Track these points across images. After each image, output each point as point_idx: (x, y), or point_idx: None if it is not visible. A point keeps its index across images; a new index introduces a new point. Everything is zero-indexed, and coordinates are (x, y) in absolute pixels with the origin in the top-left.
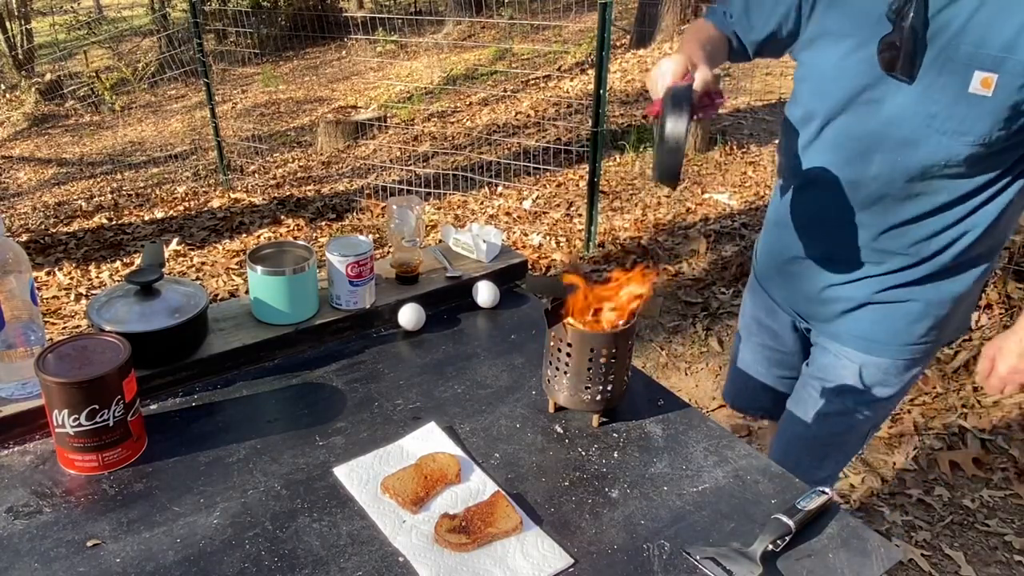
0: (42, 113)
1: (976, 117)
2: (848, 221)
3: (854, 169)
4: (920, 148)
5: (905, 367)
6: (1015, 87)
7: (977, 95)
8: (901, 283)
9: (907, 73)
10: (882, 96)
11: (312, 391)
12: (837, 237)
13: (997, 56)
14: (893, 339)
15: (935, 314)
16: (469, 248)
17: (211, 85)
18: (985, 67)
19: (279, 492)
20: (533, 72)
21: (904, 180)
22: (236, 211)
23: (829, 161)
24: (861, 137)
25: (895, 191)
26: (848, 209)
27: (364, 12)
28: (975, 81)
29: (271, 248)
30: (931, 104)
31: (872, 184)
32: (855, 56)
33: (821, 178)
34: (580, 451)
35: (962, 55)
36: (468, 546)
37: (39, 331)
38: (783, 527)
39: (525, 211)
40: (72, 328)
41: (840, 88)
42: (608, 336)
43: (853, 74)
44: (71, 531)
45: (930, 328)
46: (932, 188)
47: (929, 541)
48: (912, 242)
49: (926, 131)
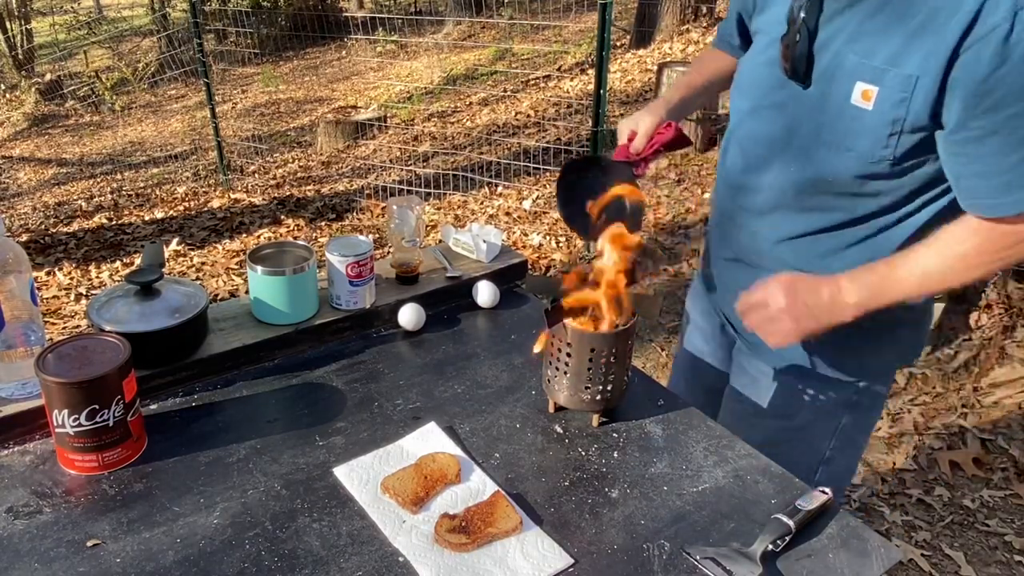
0: (42, 113)
1: (858, 131)
2: (749, 227)
3: (754, 174)
4: (810, 160)
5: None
6: (894, 101)
7: (858, 107)
8: None
9: (799, 77)
10: (785, 100)
11: (312, 391)
12: (743, 241)
13: (879, 68)
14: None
15: (842, 343)
16: (469, 248)
17: (211, 85)
18: (866, 79)
19: (279, 492)
20: (533, 72)
21: (795, 192)
22: (236, 211)
23: (737, 163)
24: (764, 142)
25: (787, 202)
26: (749, 214)
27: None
28: (856, 93)
29: (271, 248)
30: (820, 114)
31: (767, 192)
32: (766, 55)
33: (731, 179)
34: (580, 451)
35: (848, 65)
36: (468, 546)
37: (39, 331)
38: (783, 527)
39: (525, 211)
40: (72, 328)
41: (753, 87)
42: (608, 336)
43: (764, 74)
44: (71, 531)
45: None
46: (826, 205)
47: (929, 541)
48: (809, 258)
49: (815, 143)
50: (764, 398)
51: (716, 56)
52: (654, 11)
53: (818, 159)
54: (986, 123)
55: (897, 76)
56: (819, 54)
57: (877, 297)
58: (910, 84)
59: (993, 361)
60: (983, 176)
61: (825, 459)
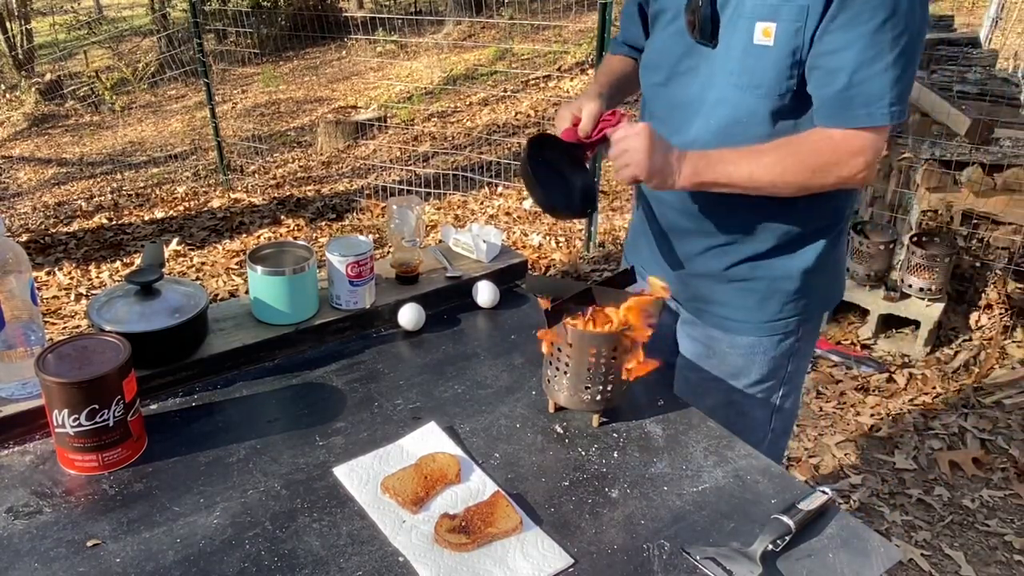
0: (42, 113)
1: (764, 68)
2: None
3: (680, 136)
4: (726, 106)
5: (775, 343)
6: (791, 32)
7: (760, 45)
8: (744, 257)
9: (707, 37)
10: (697, 63)
11: (312, 391)
12: (675, 208)
13: (774, 4)
14: (749, 316)
15: (784, 289)
16: (469, 248)
17: (211, 85)
18: (764, 17)
19: (279, 492)
20: (533, 72)
21: (716, 141)
22: (236, 211)
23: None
24: (682, 105)
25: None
26: None
27: (364, 12)
28: (758, 32)
29: (271, 248)
30: (729, 61)
31: (694, 147)
32: (672, 27)
33: None
34: (580, 451)
35: (747, 9)
36: (468, 546)
37: (39, 331)
38: (783, 527)
39: (525, 211)
40: (72, 328)
41: (662, 60)
42: (608, 336)
43: (671, 45)
44: (71, 531)
45: (784, 304)
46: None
47: (929, 541)
48: (741, 208)
49: (730, 89)
50: (718, 363)
51: (619, 59)
52: None
53: (733, 103)
54: (842, 38)
55: (791, 8)
56: (722, 11)
57: (708, 169)
58: (803, 14)
59: (993, 361)
60: (832, 88)
61: (776, 408)
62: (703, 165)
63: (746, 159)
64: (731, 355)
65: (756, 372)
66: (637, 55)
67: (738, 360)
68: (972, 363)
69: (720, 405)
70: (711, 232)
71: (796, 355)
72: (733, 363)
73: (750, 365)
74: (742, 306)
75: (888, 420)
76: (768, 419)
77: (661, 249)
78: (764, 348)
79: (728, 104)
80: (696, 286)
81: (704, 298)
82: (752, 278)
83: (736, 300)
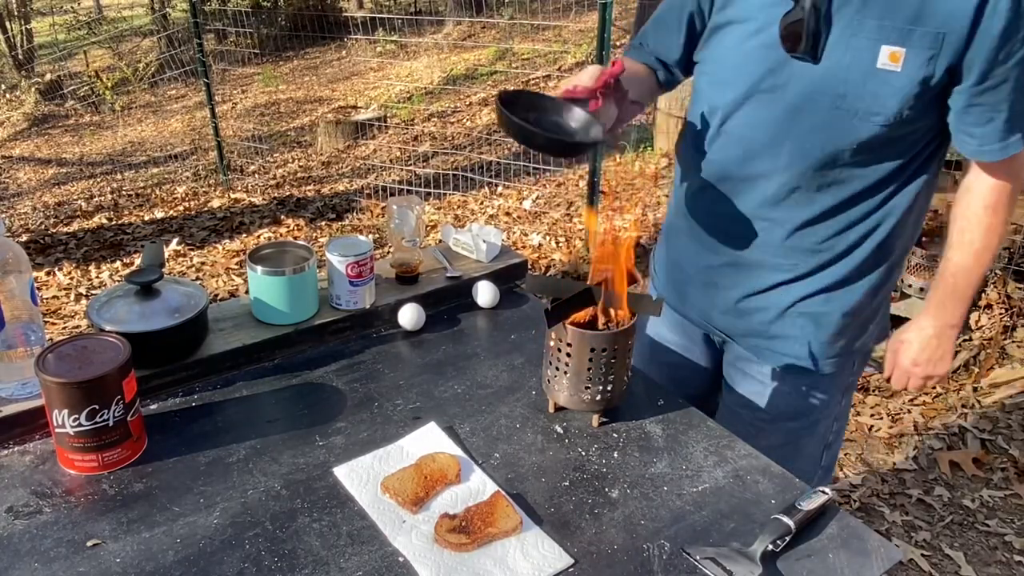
0: (42, 113)
1: (887, 95)
2: (758, 220)
3: (762, 162)
4: (830, 132)
5: (836, 380)
6: (923, 60)
7: (886, 70)
8: (816, 290)
9: (811, 53)
10: (786, 81)
11: (312, 391)
12: (747, 239)
13: (904, 28)
14: (815, 353)
15: (853, 323)
16: (469, 248)
17: (211, 85)
18: (892, 41)
19: (279, 492)
20: (533, 72)
21: (815, 169)
22: (236, 211)
23: (734, 156)
24: (767, 127)
25: (806, 182)
26: (757, 206)
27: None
28: (883, 55)
29: (271, 248)
30: (838, 84)
31: (783, 176)
32: (755, 40)
33: (726, 175)
34: (580, 451)
35: (868, 29)
36: (468, 546)
37: (39, 331)
38: (783, 527)
39: (525, 211)
40: (72, 328)
41: (741, 76)
42: (608, 336)
43: (754, 60)
44: (71, 531)
45: (850, 338)
46: (844, 176)
47: (929, 541)
48: (825, 238)
49: (835, 113)
50: (775, 401)
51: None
52: (654, 11)
53: (841, 127)
54: (1002, 71)
55: (926, 35)
56: (831, 27)
57: (958, 305)
58: (938, 42)
59: (993, 361)
60: (995, 122)
61: (828, 444)
62: (952, 305)
63: (965, 259)
64: (792, 394)
65: (817, 411)
66: (662, 70)
67: (800, 400)
68: (972, 363)
69: (777, 445)
70: (785, 266)
71: (850, 388)
72: (794, 403)
73: (811, 403)
74: (809, 342)
75: (888, 420)
76: (820, 455)
77: (714, 283)
78: (826, 386)
79: (829, 130)
80: (756, 322)
81: (764, 334)
82: (824, 312)
83: (803, 336)
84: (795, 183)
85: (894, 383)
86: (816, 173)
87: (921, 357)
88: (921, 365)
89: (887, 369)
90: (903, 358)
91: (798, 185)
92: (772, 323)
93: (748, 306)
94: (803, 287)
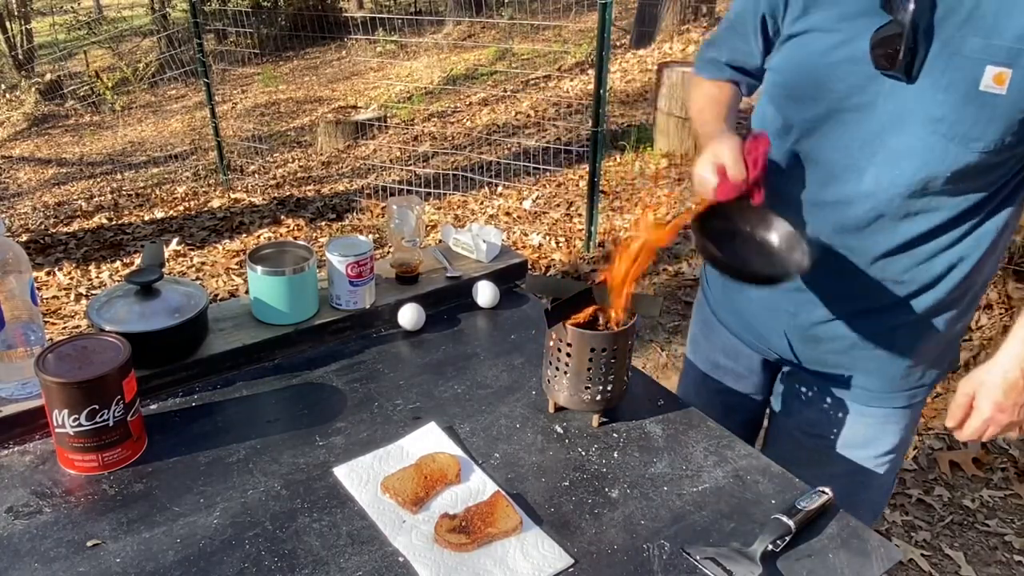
0: (42, 113)
1: (988, 119)
2: (838, 247)
3: (843, 186)
4: (923, 158)
5: (905, 412)
6: None
7: (989, 93)
8: (895, 322)
9: (907, 70)
10: (873, 99)
11: (312, 391)
12: (823, 267)
13: (1012, 48)
14: (889, 385)
15: (930, 356)
16: (469, 248)
17: (211, 85)
18: (998, 61)
19: (279, 492)
20: (533, 72)
21: (904, 196)
22: (236, 211)
23: (812, 178)
24: (849, 148)
25: (892, 210)
26: (835, 233)
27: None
28: (987, 76)
29: (271, 248)
30: (935, 106)
31: (866, 202)
32: (839, 54)
33: (802, 198)
34: (580, 451)
35: (970, 48)
36: (468, 546)
37: (39, 331)
38: (783, 527)
39: (525, 211)
40: (72, 328)
41: (822, 92)
42: (608, 336)
43: (838, 75)
44: (71, 531)
45: (926, 370)
46: (933, 204)
47: (929, 541)
48: (907, 268)
49: (930, 138)
50: (843, 430)
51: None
52: (654, 11)
53: (936, 153)
54: None
55: None
56: (929, 44)
57: None
58: None
59: None
60: None
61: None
62: None
63: None
64: (863, 424)
65: (889, 442)
66: (745, 79)
67: (870, 430)
68: (972, 363)
69: (842, 473)
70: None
71: (917, 415)
72: (864, 432)
73: (883, 434)
74: (884, 373)
75: None
76: (891, 485)
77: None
78: (899, 417)
79: (924, 154)
80: (827, 350)
81: (836, 363)
82: (901, 344)
83: (878, 367)
84: (880, 211)
85: (968, 431)
86: (904, 201)
87: (1007, 402)
88: (1007, 411)
89: (957, 415)
90: (983, 402)
91: (883, 213)
92: (845, 352)
93: (821, 333)
94: (881, 318)
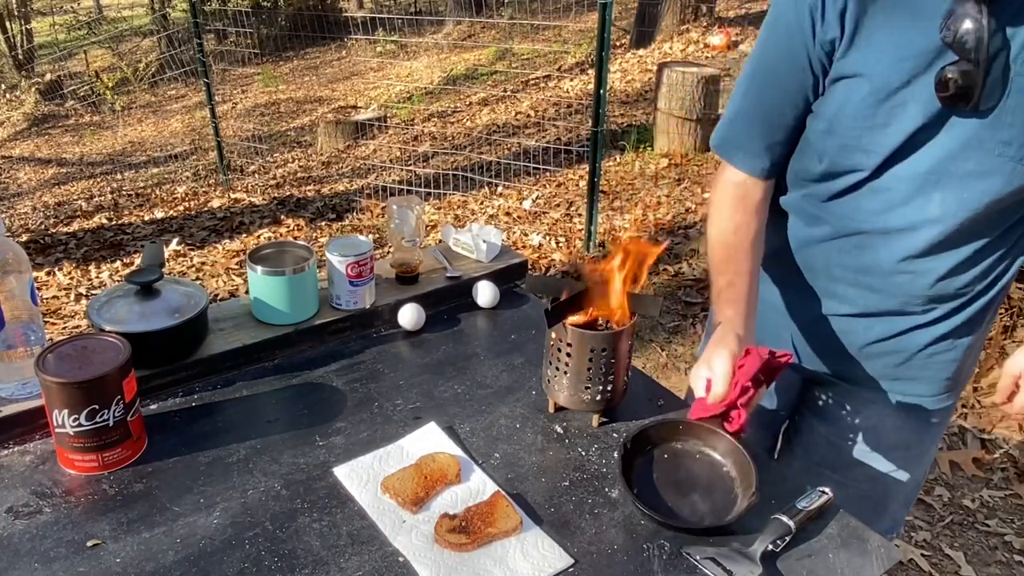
0: (42, 113)
1: None
2: (899, 273)
3: (905, 214)
4: (992, 180)
5: (943, 411)
6: None
7: None
8: (947, 332)
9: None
10: (938, 132)
11: (312, 391)
12: (886, 292)
13: None
14: (933, 390)
15: (969, 361)
16: (469, 248)
17: (211, 85)
18: None
19: (279, 492)
20: (533, 72)
21: (970, 217)
22: (236, 211)
23: (874, 208)
24: (912, 179)
25: (958, 233)
26: (899, 260)
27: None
28: None
29: (271, 248)
30: (1003, 130)
31: (933, 228)
32: (892, 101)
33: (858, 229)
34: (580, 451)
35: None
36: (468, 546)
37: (39, 331)
38: (783, 527)
39: (525, 211)
40: (72, 328)
41: (878, 141)
42: (608, 336)
43: (896, 126)
44: (71, 531)
45: (964, 375)
46: (993, 221)
47: (929, 541)
48: (966, 283)
49: (997, 160)
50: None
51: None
52: (654, 11)
53: (1004, 174)
54: None
55: None
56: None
57: None
58: None
59: (993, 361)
60: None
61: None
62: None
63: None
64: (907, 427)
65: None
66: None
67: (912, 433)
68: None
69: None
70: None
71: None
72: (906, 435)
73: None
74: (933, 380)
75: None
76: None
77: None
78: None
79: (994, 178)
80: (881, 365)
81: (889, 376)
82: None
83: (928, 375)
84: (946, 234)
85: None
86: (970, 223)
87: None
88: None
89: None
90: None
91: (948, 236)
92: (899, 366)
93: (876, 351)
94: (935, 330)
